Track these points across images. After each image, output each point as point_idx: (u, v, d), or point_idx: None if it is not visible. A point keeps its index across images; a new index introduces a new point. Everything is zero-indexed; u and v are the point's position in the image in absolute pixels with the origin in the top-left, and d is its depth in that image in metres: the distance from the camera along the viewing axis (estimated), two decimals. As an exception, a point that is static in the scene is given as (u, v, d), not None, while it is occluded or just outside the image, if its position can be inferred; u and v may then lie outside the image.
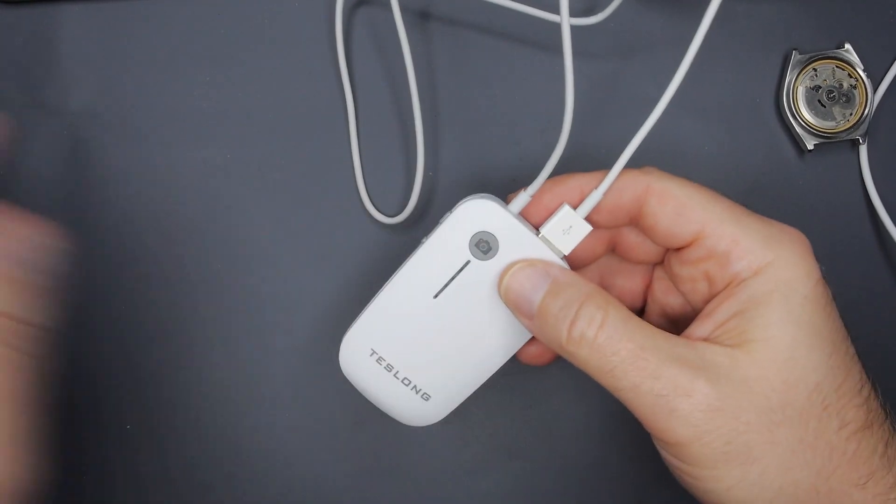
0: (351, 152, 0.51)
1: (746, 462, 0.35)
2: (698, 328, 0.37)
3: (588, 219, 0.39)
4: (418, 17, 0.51)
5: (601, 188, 0.39)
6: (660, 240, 0.39)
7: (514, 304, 0.39)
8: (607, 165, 0.38)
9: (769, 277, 0.36)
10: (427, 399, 0.43)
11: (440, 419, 0.43)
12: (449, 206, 0.42)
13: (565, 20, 0.36)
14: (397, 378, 0.42)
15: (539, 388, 0.52)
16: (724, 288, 0.37)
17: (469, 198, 0.40)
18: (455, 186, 0.51)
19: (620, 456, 0.51)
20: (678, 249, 0.39)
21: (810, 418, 0.35)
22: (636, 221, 0.40)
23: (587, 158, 0.51)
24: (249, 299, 0.51)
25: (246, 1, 0.52)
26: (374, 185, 0.51)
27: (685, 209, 0.38)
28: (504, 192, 0.48)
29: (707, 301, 0.38)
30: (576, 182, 0.40)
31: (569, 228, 0.39)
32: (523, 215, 0.40)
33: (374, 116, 0.51)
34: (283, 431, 0.51)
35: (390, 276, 0.41)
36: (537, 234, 0.39)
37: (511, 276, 0.39)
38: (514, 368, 0.43)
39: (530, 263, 0.39)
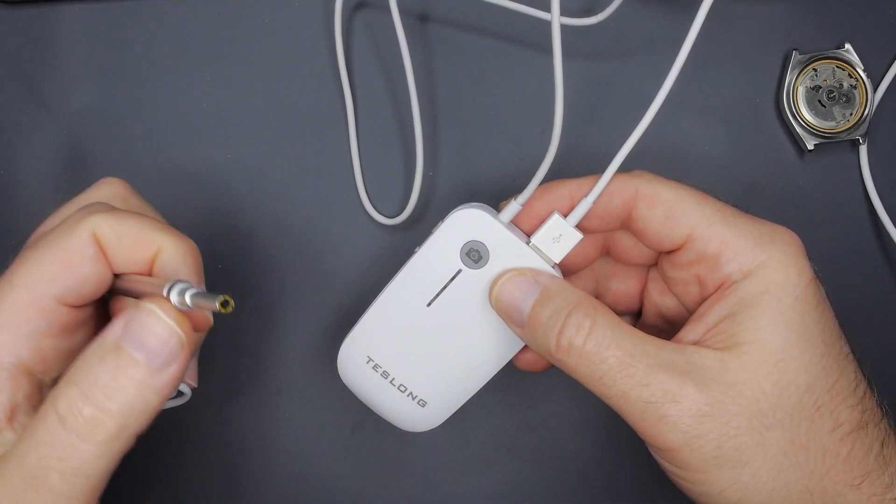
0: (351, 153, 0.51)
1: (737, 465, 0.35)
2: (689, 331, 0.37)
3: (579, 225, 0.39)
4: (417, 19, 0.52)
5: (590, 197, 0.39)
6: (650, 243, 0.39)
7: (505, 313, 0.39)
8: (606, 165, 0.38)
9: (760, 279, 0.36)
10: (424, 405, 0.43)
11: (437, 425, 0.43)
12: (449, 206, 0.42)
13: (556, 26, 0.35)
14: (394, 385, 0.42)
15: (538, 388, 0.52)
16: (715, 290, 0.37)
17: (460, 207, 0.40)
18: (455, 187, 0.51)
19: (619, 456, 0.51)
20: (669, 252, 0.39)
21: (802, 420, 0.35)
22: (627, 225, 0.40)
23: (587, 158, 0.51)
24: (250, 299, 0.51)
25: (246, 2, 0.52)
26: (374, 186, 0.51)
27: (674, 212, 0.38)
28: (504, 193, 0.48)
29: (699, 303, 0.38)
30: (566, 189, 0.40)
31: (559, 237, 0.39)
32: (515, 223, 0.40)
33: (374, 117, 0.52)
34: (283, 431, 0.51)
35: (390, 277, 0.41)
36: (528, 243, 0.39)
37: (501, 286, 0.39)
38: (513, 369, 0.43)
39: (520, 272, 0.39)
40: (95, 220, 0.34)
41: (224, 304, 0.31)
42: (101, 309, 0.38)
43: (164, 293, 0.32)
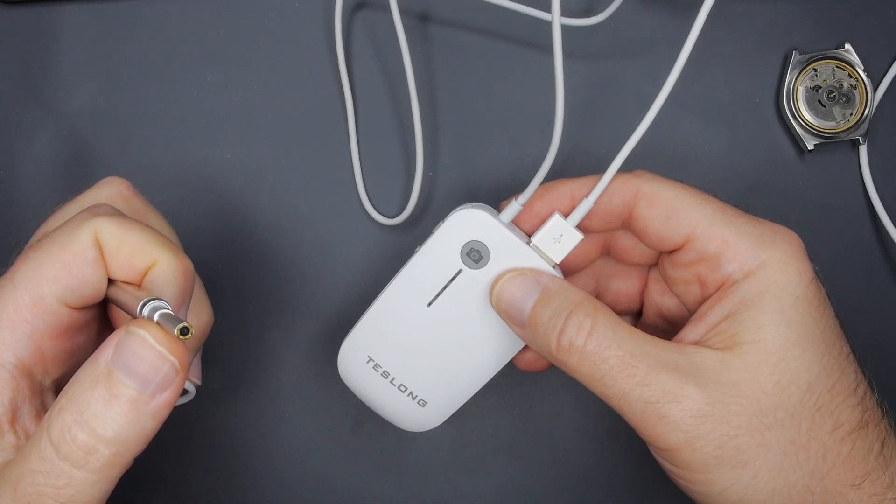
0: (351, 153, 0.51)
1: (738, 466, 0.35)
2: (690, 331, 0.37)
3: (579, 225, 0.39)
4: (417, 19, 0.52)
5: (591, 197, 0.38)
6: (651, 243, 0.39)
7: (506, 313, 0.39)
8: (607, 165, 0.38)
9: (760, 279, 0.36)
10: (424, 405, 0.43)
11: (438, 425, 0.44)
12: (448, 207, 0.42)
13: (556, 26, 0.35)
14: (394, 385, 0.42)
15: (538, 389, 0.52)
16: (716, 290, 0.37)
17: (460, 207, 0.40)
18: (455, 187, 0.51)
19: (619, 456, 0.51)
20: (670, 252, 0.39)
21: (803, 420, 0.35)
22: (628, 225, 0.40)
23: (587, 157, 0.51)
24: (249, 299, 0.51)
25: (246, 2, 0.52)
26: (374, 186, 0.51)
27: (675, 212, 0.38)
28: (504, 193, 0.48)
29: (700, 303, 0.38)
30: (567, 189, 0.40)
31: (560, 237, 0.39)
32: (516, 223, 0.40)
33: (374, 118, 0.52)
34: (283, 431, 0.51)
35: (389, 278, 0.41)
36: (528, 243, 0.39)
37: (501, 286, 0.39)
38: (513, 369, 0.43)
39: (520, 272, 0.39)
40: (99, 223, 0.34)
41: (183, 331, 0.30)
42: (103, 313, 0.38)
43: (138, 308, 0.32)
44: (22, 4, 0.51)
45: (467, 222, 0.39)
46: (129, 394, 0.30)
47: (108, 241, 0.34)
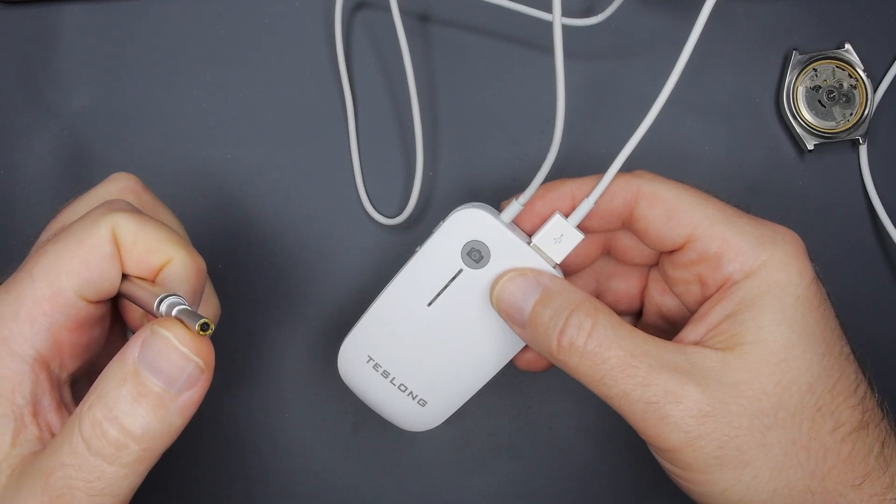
0: (351, 153, 0.51)
1: (739, 466, 0.34)
2: (691, 331, 0.37)
3: (580, 225, 0.39)
4: (417, 19, 0.52)
5: (592, 197, 0.38)
6: (652, 243, 0.39)
7: (506, 313, 0.39)
8: (607, 165, 0.38)
9: (761, 279, 0.36)
10: (424, 405, 0.43)
11: (438, 425, 0.43)
12: (448, 207, 0.42)
13: (557, 27, 0.35)
14: (394, 384, 0.42)
15: (538, 389, 0.52)
16: (717, 290, 0.37)
17: (461, 207, 0.40)
18: (455, 187, 0.51)
19: (619, 456, 0.51)
20: (671, 252, 0.39)
21: (803, 420, 0.35)
22: (628, 225, 0.40)
23: (587, 158, 0.51)
24: (250, 299, 0.51)
25: (246, 2, 0.52)
26: (374, 187, 0.51)
27: (675, 212, 0.38)
28: (504, 193, 0.48)
29: (700, 303, 0.38)
30: (567, 189, 0.39)
31: (560, 237, 0.39)
32: (516, 223, 0.40)
33: (374, 118, 0.52)
34: (283, 431, 0.51)
35: (390, 277, 0.41)
36: (529, 243, 0.39)
37: (502, 286, 0.39)
38: (513, 369, 0.43)
39: (521, 272, 0.39)
40: (116, 219, 0.34)
41: (203, 327, 0.31)
42: (114, 307, 0.38)
43: (156, 304, 0.32)
44: (22, 4, 0.51)
45: (468, 222, 0.39)
46: (155, 391, 0.31)
47: (124, 237, 0.34)
